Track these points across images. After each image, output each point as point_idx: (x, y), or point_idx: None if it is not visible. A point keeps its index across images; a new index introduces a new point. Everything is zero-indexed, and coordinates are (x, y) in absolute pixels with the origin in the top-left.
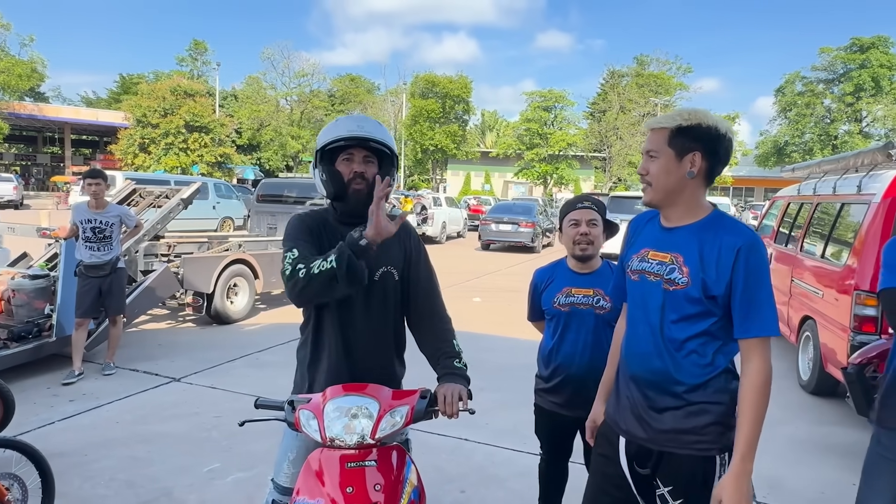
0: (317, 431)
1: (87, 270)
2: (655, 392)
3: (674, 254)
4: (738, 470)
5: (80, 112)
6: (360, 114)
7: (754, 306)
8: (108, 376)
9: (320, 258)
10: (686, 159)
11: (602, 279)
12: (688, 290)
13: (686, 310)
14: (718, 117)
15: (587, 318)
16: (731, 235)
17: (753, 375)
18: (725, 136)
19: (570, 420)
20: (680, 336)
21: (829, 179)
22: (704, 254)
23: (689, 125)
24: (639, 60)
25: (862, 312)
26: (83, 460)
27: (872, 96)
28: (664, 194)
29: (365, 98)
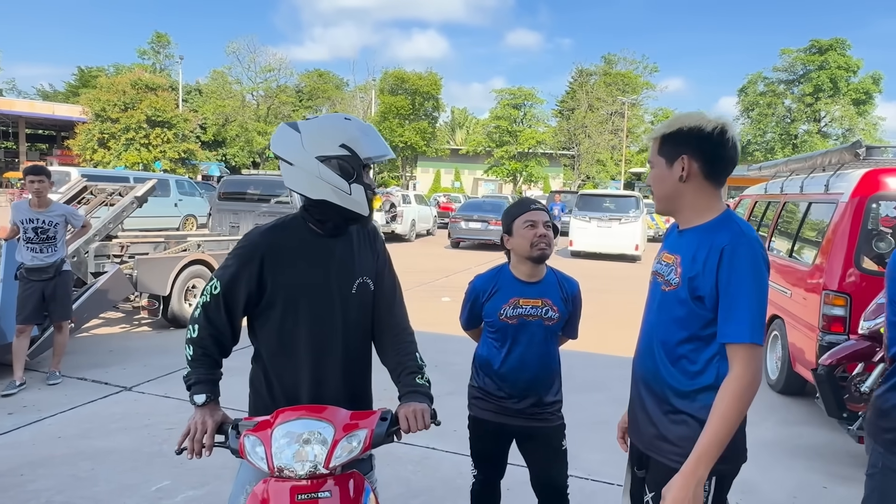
0: (263, 460)
1: (28, 274)
2: (647, 393)
3: (676, 255)
4: (688, 470)
5: (35, 105)
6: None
7: (733, 310)
8: (52, 386)
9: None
10: (676, 165)
11: (549, 288)
12: (677, 290)
13: (676, 311)
14: (705, 118)
15: (536, 330)
16: (722, 235)
17: (728, 381)
18: (713, 135)
19: (511, 430)
20: (671, 338)
21: (796, 178)
22: (697, 255)
23: (671, 131)
24: (607, 59)
25: (830, 312)
26: (18, 481)
27: (830, 97)
28: (664, 202)
29: (333, 94)
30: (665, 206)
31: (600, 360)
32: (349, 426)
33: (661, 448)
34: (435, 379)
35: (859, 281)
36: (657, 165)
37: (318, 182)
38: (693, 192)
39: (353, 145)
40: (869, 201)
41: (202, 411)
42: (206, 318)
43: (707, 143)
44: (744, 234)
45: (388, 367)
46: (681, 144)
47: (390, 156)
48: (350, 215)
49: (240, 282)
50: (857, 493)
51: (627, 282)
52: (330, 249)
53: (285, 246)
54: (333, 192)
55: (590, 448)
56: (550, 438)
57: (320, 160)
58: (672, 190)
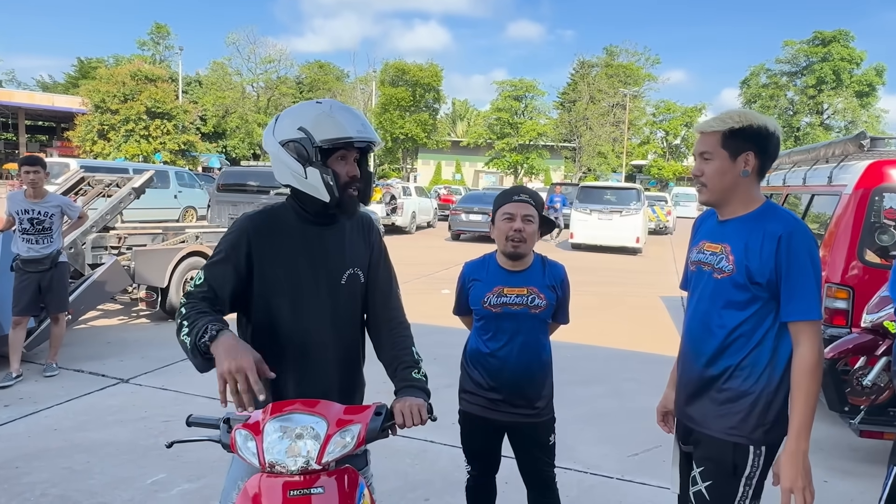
0: (254, 455)
1: (24, 265)
2: (701, 373)
3: (724, 244)
4: (791, 448)
5: (35, 97)
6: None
7: (796, 291)
8: (49, 378)
9: (190, 322)
10: (740, 159)
11: (535, 276)
12: (733, 276)
13: (732, 296)
14: (766, 117)
15: (521, 319)
16: (775, 223)
17: (800, 359)
18: (774, 134)
19: (500, 425)
20: (726, 322)
21: (798, 170)
22: (749, 243)
23: (741, 127)
24: (608, 51)
25: (832, 305)
26: (13, 474)
27: (833, 89)
28: (720, 194)
29: (334, 85)
30: (718, 198)
31: (601, 352)
32: (343, 421)
33: (713, 425)
34: (434, 371)
35: (862, 274)
36: (718, 158)
37: (281, 167)
38: (747, 185)
39: (309, 127)
40: (873, 193)
41: (225, 351)
42: (194, 299)
43: (770, 141)
44: (798, 222)
45: (384, 361)
46: (748, 140)
47: (353, 137)
48: (325, 205)
49: (228, 267)
50: (858, 487)
51: (628, 275)
52: (318, 238)
53: (273, 232)
54: (292, 176)
55: (589, 441)
56: (538, 434)
57: (282, 144)
58: (732, 183)
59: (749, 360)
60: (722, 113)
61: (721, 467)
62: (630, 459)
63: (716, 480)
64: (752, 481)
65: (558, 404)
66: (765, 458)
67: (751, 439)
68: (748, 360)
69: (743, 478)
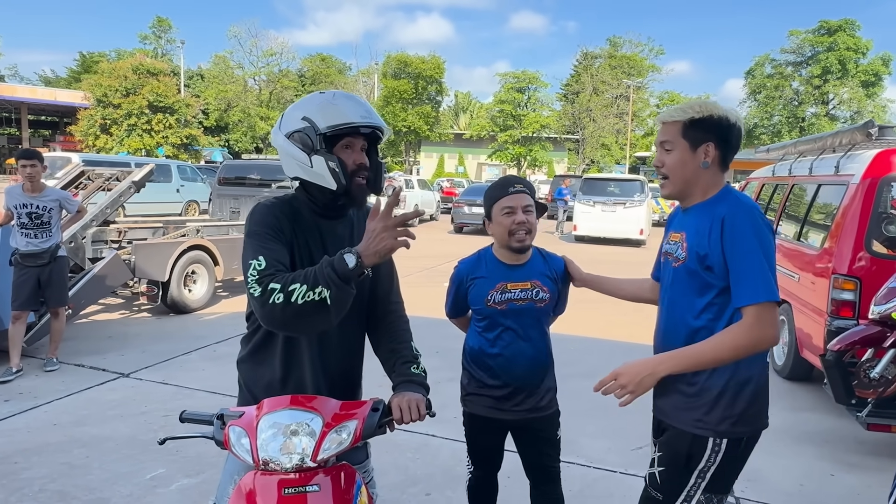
0: (248, 452)
1: (23, 259)
2: None
3: (682, 233)
4: (651, 361)
5: (37, 91)
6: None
7: (743, 273)
8: (49, 373)
9: (300, 280)
10: (700, 150)
11: (537, 268)
12: (686, 264)
13: (688, 285)
14: (728, 108)
15: (527, 314)
16: (721, 206)
17: (737, 327)
18: (735, 125)
19: (507, 423)
20: (689, 310)
21: (805, 160)
22: (700, 228)
23: (702, 117)
24: (612, 42)
25: (840, 297)
26: (12, 469)
27: (839, 79)
28: (681, 185)
29: (336, 78)
30: (680, 189)
31: (605, 345)
32: (338, 417)
33: (679, 417)
34: (435, 365)
35: (869, 265)
36: (679, 148)
37: (288, 159)
38: (709, 176)
39: (313, 116)
40: (881, 183)
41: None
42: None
43: (731, 133)
44: (741, 202)
45: (382, 356)
46: (709, 131)
47: (356, 122)
48: (333, 194)
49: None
50: (865, 480)
51: (633, 267)
52: (330, 232)
53: (294, 220)
54: (299, 166)
55: (592, 435)
56: (545, 429)
57: (287, 136)
58: (692, 174)
59: None
60: (684, 103)
61: (676, 456)
62: (634, 453)
63: (668, 468)
64: (706, 474)
65: (561, 398)
66: (724, 453)
67: (716, 431)
68: None
69: (696, 470)
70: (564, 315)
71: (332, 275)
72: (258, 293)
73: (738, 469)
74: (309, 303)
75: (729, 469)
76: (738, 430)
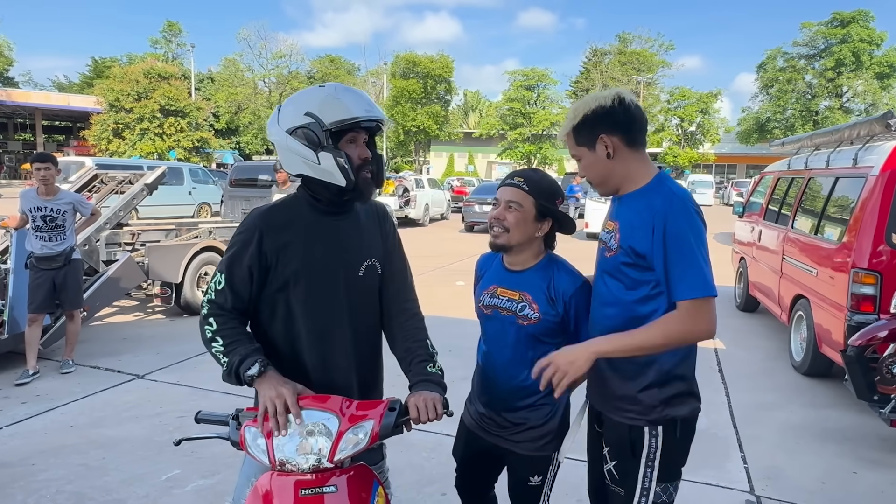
0: (264, 453)
1: (38, 262)
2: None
3: (615, 222)
4: (585, 345)
5: (51, 97)
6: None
7: (681, 269)
8: (65, 375)
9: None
10: (598, 147)
11: (533, 281)
12: (618, 255)
13: (619, 275)
14: (599, 94)
15: (507, 328)
16: (655, 199)
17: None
18: (615, 106)
19: (488, 445)
20: (609, 300)
21: (821, 153)
22: (633, 220)
23: (578, 121)
24: (621, 38)
25: (859, 291)
26: (29, 471)
27: (853, 71)
28: (603, 184)
29: (345, 79)
30: (606, 188)
31: None
32: (355, 417)
33: (617, 407)
34: (449, 363)
35: (890, 258)
36: (582, 156)
37: (291, 156)
38: (623, 164)
39: (317, 111)
40: None
41: (269, 382)
42: (219, 310)
43: (615, 116)
44: (675, 195)
45: (398, 354)
46: (593, 126)
47: (365, 117)
48: (340, 190)
49: (241, 267)
50: (889, 477)
51: None
52: (333, 228)
53: (285, 225)
54: (304, 164)
55: None
56: (519, 467)
57: (289, 132)
58: (605, 170)
59: None
60: (568, 113)
61: (622, 449)
62: None
63: (619, 460)
64: (654, 462)
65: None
66: (663, 437)
67: (647, 420)
68: None
69: (643, 458)
70: None
71: (234, 365)
72: (203, 311)
73: (681, 453)
74: (213, 355)
75: (672, 454)
76: (672, 414)
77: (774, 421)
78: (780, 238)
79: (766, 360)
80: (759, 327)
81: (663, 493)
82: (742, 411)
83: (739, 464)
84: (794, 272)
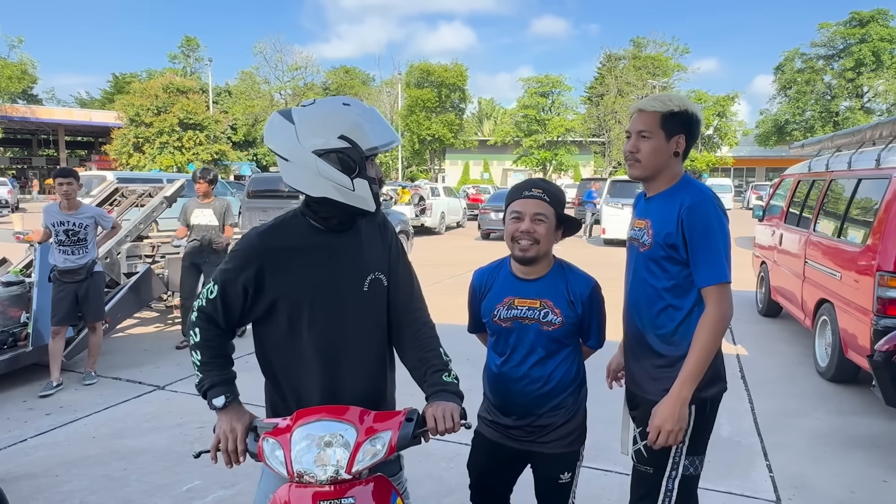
0: (282, 464)
1: (61, 275)
2: (637, 344)
3: (646, 220)
4: (674, 393)
5: (73, 113)
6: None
7: (704, 257)
8: (88, 386)
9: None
10: (673, 141)
11: (551, 286)
12: (652, 249)
13: (654, 268)
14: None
15: (533, 336)
16: (683, 196)
17: (705, 317)
18: (700, 122)
19: (516, 453)
20: (651, 292)
21: (843, 154)
22: (664, 216)
23: (679, 110)
24: (635, 43)
25: (885, 294)
26: (53, 482)
27: (873, 71)
28: (651, 171)
29: (360, 90)
30: (650, 175)
31: None
32: (372, 428)
33: (649, 388)
34: (465, 372)
35: None
36: (656, 138)
37: (317, 179)
38: (674, 165)
39: (353, 136)
40: None
41: (227, 416)
42: (207, 320)
43: (697, 128)
44: (701, 192)
45: (410, 365)
46: (683, 124)
47: (397, 142)
48: (355, 211)
49: (237, 285)
50: None
51: None
52: (335, 246)
53: (285, 246)
54: (335, 188)
55: None
56: (548, 467)
57: (318, 154)
58: (664, 162)
59: (682, 329)
60: (661, 94)
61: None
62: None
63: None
64: (685, 439)
65: (592, 403)
66: (696, 416)
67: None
68: (681, 328)
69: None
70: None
71: (203, 387)
72: (192, 315)
73: (708, 430)
74: (192, 363)
75: (701, 431)
76: (705, 394)
77: (800, 428)
78: (802, 241)
79: (790, 366)
80: (782, 332)
81: (690, 465)
82: (766, 419)
83: (765, 472)
84: (817, 276)
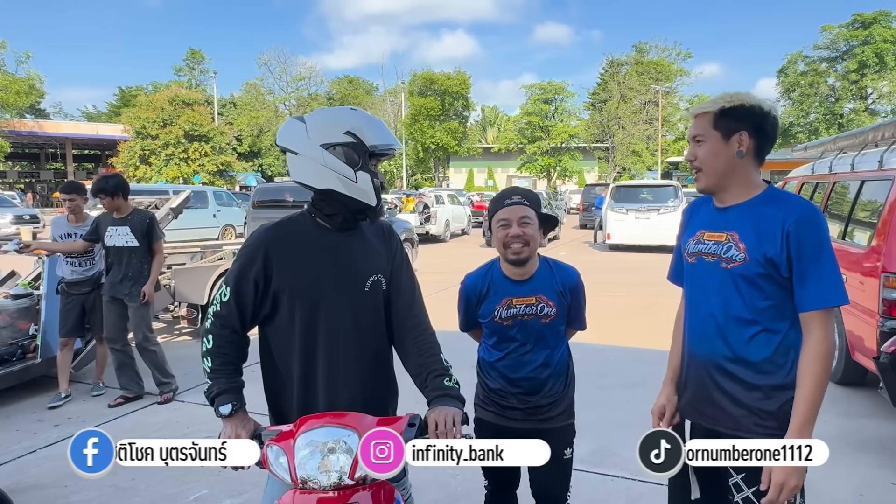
0: (287, 471)
1: (69, 287)
2: (723, 375)
3: (729, 232)
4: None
5: (80, 127)
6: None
7: (816, 277)
8: (96, 397)
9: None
10: (733, 139)
11: (542, 282)
12: (747, 265)
13: (747, 286)
14: (762, 97)
15: (532, 328)
16: (787, 207)
17: (812, 346)
18: (770, 114)
19: (511, 432)
20: (744, 314)
21: (846, 156)
22: (761, 228)
23: (733, 106)
24: (638, 48)
25: (891, 296)
26: (62, 493)
27: (877, 72)
28: (717, 178)
29: (364, 99)
30: (715, 182)
31: (648, 355)
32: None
33: (754, 426)
34: (469, 379)
35: None
36: (711, 139)
37: (323, 170)
38: (745, 168)
39: (358, 132)
40: None
41: (232, 424)
42: (221, 325)
43: (765, 121)
44: (810, 206)
45: (411, 371)
46: (741, 120)
47: (397, 147)
48: (357, 206)
49: (247, 281)
50: None
51: None
52: (339, 245)
53: (291, 241)
54: (339, 180)
55: (635, 447)
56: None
57: (325, 147)
58: (727, 165)
59: (780, 352)
60: (716, 95)
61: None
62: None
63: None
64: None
65: (601, 408)
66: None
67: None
68: (779, 352)
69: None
70: (603, 325)
71: (211, 394)
72: (206, 323)
73: None
74: (203, 369)
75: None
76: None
77: None
78: None
79: None
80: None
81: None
82: None
83: None
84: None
